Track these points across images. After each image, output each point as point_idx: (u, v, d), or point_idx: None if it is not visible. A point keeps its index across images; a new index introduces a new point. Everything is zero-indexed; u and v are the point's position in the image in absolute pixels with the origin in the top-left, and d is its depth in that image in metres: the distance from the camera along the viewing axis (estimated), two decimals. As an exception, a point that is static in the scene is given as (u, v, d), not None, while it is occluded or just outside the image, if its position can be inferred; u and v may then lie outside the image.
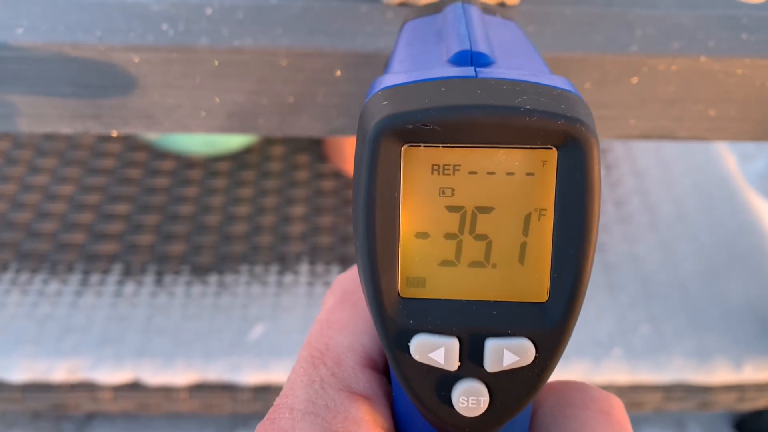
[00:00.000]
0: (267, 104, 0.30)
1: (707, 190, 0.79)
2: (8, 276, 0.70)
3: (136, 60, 0.28)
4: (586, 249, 0.16)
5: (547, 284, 0.17)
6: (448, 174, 0.17)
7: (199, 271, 0.71)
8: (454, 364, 0.17)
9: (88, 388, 0.63)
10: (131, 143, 0.83)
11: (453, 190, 0.17)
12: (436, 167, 0.17)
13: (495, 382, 0.17)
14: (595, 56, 0.29)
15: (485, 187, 0.17)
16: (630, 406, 0.66)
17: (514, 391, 0.17)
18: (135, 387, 0.63)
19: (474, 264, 0.17)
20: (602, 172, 0.81)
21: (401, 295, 0.17)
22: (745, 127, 0.31)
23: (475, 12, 0.22)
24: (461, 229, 0.17)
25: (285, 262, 0.72)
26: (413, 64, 0.19)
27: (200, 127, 0.31)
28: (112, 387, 0.63)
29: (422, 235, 0.17)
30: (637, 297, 0.69)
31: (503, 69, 0.18)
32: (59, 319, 0.66)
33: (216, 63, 0.28)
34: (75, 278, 0.70)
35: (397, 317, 0.17)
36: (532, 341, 0.17)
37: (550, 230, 0.17)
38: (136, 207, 0.76)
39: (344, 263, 0.71)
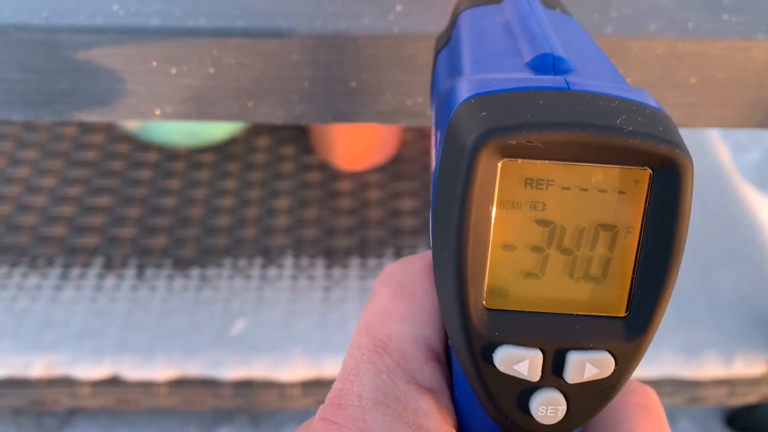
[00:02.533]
0: (225, 90, 0.29)
1: (699, 183, 0.78)
2: (-14, 270, 0.69)
3: (86, 43, 0.27)
4: (673, 268, 0.17)
5: (626, 299, 0.17)
6: (542, 188, 0.17)
7: (181, 265, 0.69)
8: (536, 376, 0.17)
9: (67, 383, 0.62)
10: (113, 134, 0.82)
11: (544, 204, 0.17)
12: (529, 181, 0.17)
13: (573, 393, 0.18)
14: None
15: (576, 202, 0.17)
16: (619, 402, 0.65)
17: (591, 400, 0.18)
18: (114, 382, 0.62)
19: (558, 277, 0.18)
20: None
21: (486, 306, 0.17)
22: (726, 113, 0.30)
23: (538, 6, 0.21)
24: (549, 243, 0.17)
25: (269, 256, 0.70)
26: (488, 65, 0.19)
27: (157, 114, 0.29)
28: (91, 382, 0.62)
29: (509, 248, 0.17)
30: (626, 290, 0.68)
31: (586, 78, 0.18)
32: (38, 313, 0.65)
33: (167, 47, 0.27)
34: (55, 272, 0.69)
35: (482, 329, 0.17)
36: (612, 354, 0.17)
37: (634, 247, 0.17)
38: (118, 199, 0.75)
39: (329, 257, 0.70)
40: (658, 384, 0.63)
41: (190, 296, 0.67)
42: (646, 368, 0.62)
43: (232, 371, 0.62)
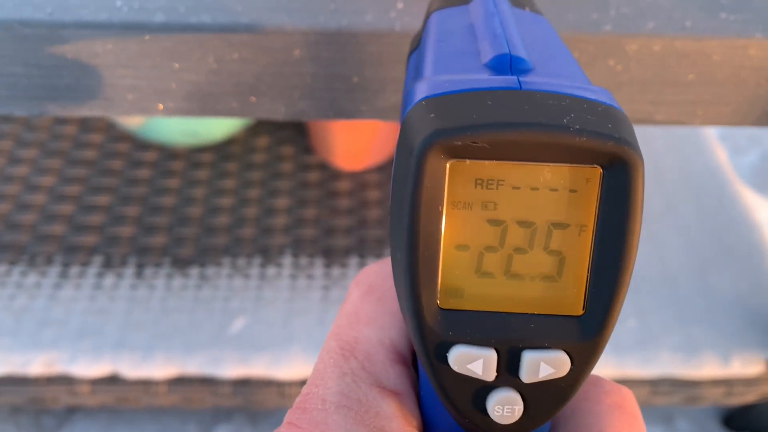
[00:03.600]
0: (226, 85, 0.29)
1: (697, 184, 0.78)
2: (-14, 268, 0.69)
3: (90, 39, 0.27)
4: (626, 266, 0.16)
5: (582, 298, 0.17)
6: (492, 188, 0.17)
7: (180, 264, 0.70)
8: (491, 375, 0.18)
9: (66, 381, 0.62)
10: (113, 133, 0.82)
11: (495, 204, 0.17)
12: (479, 181, 0.17)
13: (530, 392, 0.18)
14: (568, 36, 0.28)
15: (527, 202, 0.17)
16: (616, 401, 0.65)
17: (548, 400, 0.18)
18: (113, 381, 0.62)
19: (512, 277, 0.18)
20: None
21: (441, 306, 0.17)
22: (724, 111, 0.30)
23: (505, 6, 0.21)
24: (501, 243, 0.17)
25: (268, 255, 0.71)
26: (448, 67, 0.19)
27: (157, 110, 0.30)
28: (90, 380, 0.62)
29: (463, 248, 0.17)
30: (624, 290, 0.68)
31: (543, 77, 0.18)
32: (37, 311, 0.65)
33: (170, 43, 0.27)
34: (54, 270, 0.69)
35: (436, 328, 0.17)
36: (568, 354, 0.17)
37: (588, 245, 0.17)
38: (117, 198, 0.75)
39: (328, 256, 0.70)
40: (656, 383, 0.63)
41: (189, 295, 0.67)
42: (644, 367, 0.63)
43: (231, 370, 0.62)
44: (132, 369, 0.62)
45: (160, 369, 0.62)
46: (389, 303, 0.20)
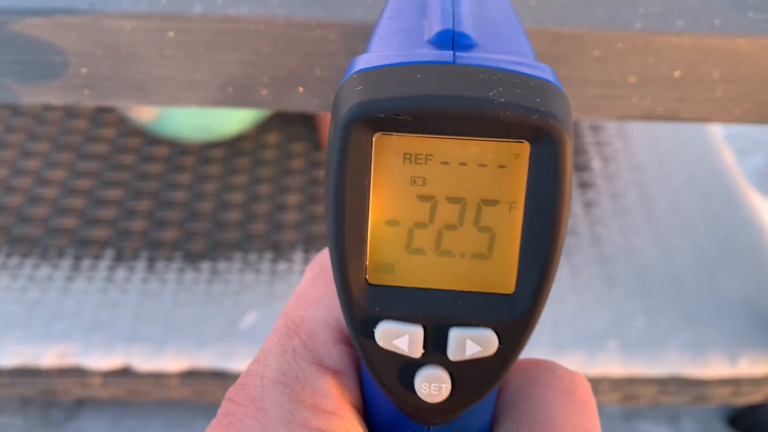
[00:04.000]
0: (262, 77, 0.29)
1: (704, 185, 0.79)
2: (-2, 260, 0.69)
3: (128, 28, 0.28)
4: (554, 243, 0.16)
5: (514, 277, 0.17)
6: (420, 163, 0.17)
7: (192, 258, 0.70)
8: (417, 352, 0.17)
9: (78, 373, 0.62)
10: (125, 128, 0.82)
11: (424, 179, 0.17)
12: (408, 156, 0.16)
13: (457, 371, 0.18)
14: (599, 32, 0.28)
15: (457, 177, 0.17)
16: (624, 400, 0.66)
17: (476, 379, 0.18)
18: (125, 373, 0.62)
19: (443, 253, 0.17)
20: (599, 165, 0.80)
21: (369, 281, 0.17)
22: (750, 109, 0.31)
23: None
24: (431, 219, 0.17)
25: (279, 250, 0.71)
26: (393, 43, 0.19)
27: (193, 100, 0.30)
28: (102, 373, 0.62)
29: (392, 223, 0.17)
30: (632, 290, 0.68)
31: (484, 53, 0.17)
32: (49, 304, 0.66)
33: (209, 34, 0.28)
34: (66, 263, 0.69)
35: (363, 303, 0.17)
36: (496, 332, 0.17)
37: (519, 223, 0.17)
38: (128, 193, 0.76)
39: (338, 252, 0.71)
40: (663, 382, 0.64)
41: (200, 289, 0.68)
42: (652, 366, 0.63)
43: (242, 364, 0.62)
44: (144, 362, 0.62)
45: (171, 362, 0.62)
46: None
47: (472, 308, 0.17)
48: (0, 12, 0.27)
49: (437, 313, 0.17)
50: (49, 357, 0.62)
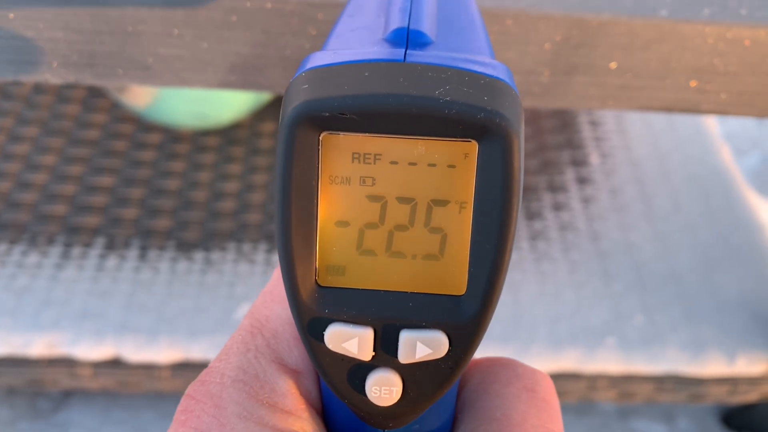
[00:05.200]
0: (273, 58, 0.28)
1: (703, 182, 0.79)
2: (-15, 246, 0.67)
3: (134, 4, 0.26)
4: (503, 243, 0.16)
5: (465, 277, 0.17)
6: (369, 163, 0.16)
7: (185, 248, 0.69)
8: (368, 354, 0.17)
9: (67, 363, 0.61)
10: (117, 114, 0.81)
11: (374, 179, 0.16)
12: (356, 156, 0.16)
13: (408, 373, 0.17)
14: (624, 19, 0.27)
15: (406, 177, 0.16)
16: (621, 397, 0.65)
17: (427, 382, 0.17)
18: (116, 364, 0.61)
19: (394, 254, 0.17)
20: (597, 160, 0.80)
21: (319, 283, 0.17)
22: (761, 100, 0.30)
23: None
24: (382, 219, 0.17)
25: (273, 241, 0.70)
26: (348, 40, 0.18)
27: (200, 81, 0.29)
28: (92, 363, 0.61)
29: (342, 224, 0.17)
30: (631, 286, 0.68)
31: (437, 51, 0.17)
32: (38, 291, 0.64)
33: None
34: (56, 250, 0.68)
35: (312, 306, 0.17)
36: (447, 334, 0.17)
37: (469, 223, 0.16)
38: (120, 180, 0.74)
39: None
40: (661, 380, 0.63)
41: (194, 279, 0.66)
42: (649, 363, 0.63)
43: (236, 355, 0.61)
44: (135, 352, 0.61)
45: (163, 353, 0.61)
46: None
47: (423, 310, 0.17)
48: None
49: (388, 315, 0.17)
50: (37, 346, 0.60)
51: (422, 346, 0.17)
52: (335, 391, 0.18)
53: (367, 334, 0.17)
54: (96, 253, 0.68)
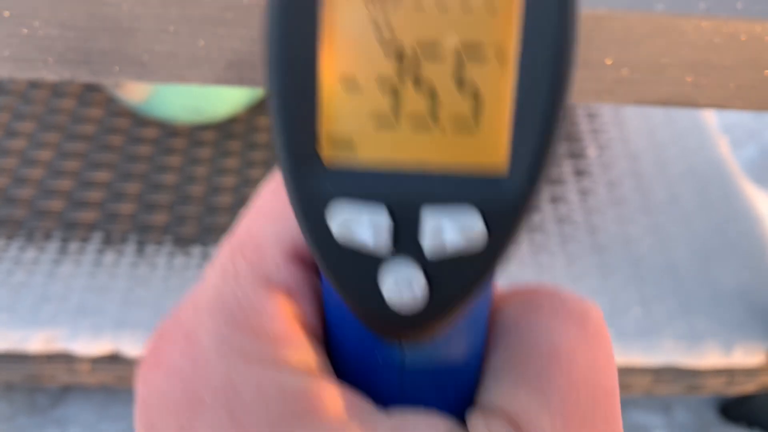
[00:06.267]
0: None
1: (700, 175, 0.79)
2: (-18, 242, 0.67)
3: (130, 1, 0.26)
4: (556, 106, 0.13)
5: (505, 150, 0.14)
6: (387, 7, 0.13)
7: (182, 243, 0.69)
8: (384, 245, 0.14)
9: (65, 359, 0.61)
10: (113, 109, 0.80)
11: (391, 25, 0.13)
12: None
13: (434, 267, 0.14)
14: (620, 14, 0.27)
15: (434, 25, 0.13)
16: (619, 389, 0.65)
17: (458, 278, 0.14)
18: (114, 359, 0.61)
19: (416, 122, 0.14)
20: (594, 152, 0.80)
21: (323, 161, 0.14)
22: (756, 95, 0.30)
23: None
24: (401, 78, 0.13)
25: (271, 235, 0.70)
26: None
27: (196, 78, 0.29)
28: (90, 359, 0.61)
29: (350, 83, 0.13)
30: (628, 279, 0.68)
31: None
32: (36, 287, 0.64)
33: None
34: (53, 246, 0.67)
35: (317, 188, 0.14)
36: (483, 218, 0.14)
37: (511, 77, 0.13)
38: (117, 175, 0.74)
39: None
40: (658, 372, 0.64)
41: (191, 274, 0.66)
42: (647, 355, 0.63)
43: (234, 350, 0.61)
44: (133, 348, 0.61)
45: (162, 348, 0.61)
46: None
47: (453, 188, 0.14)
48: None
49: (409, 194, 0.14)
50: (35, 342, 0.60)
51: (452, 231, 0.14)
52: (346, 296, 0.15)
53: (383, 218, 0.14)
54: (93, 248, 0.68)
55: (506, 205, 0.13)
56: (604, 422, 0.15)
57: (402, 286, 0.14)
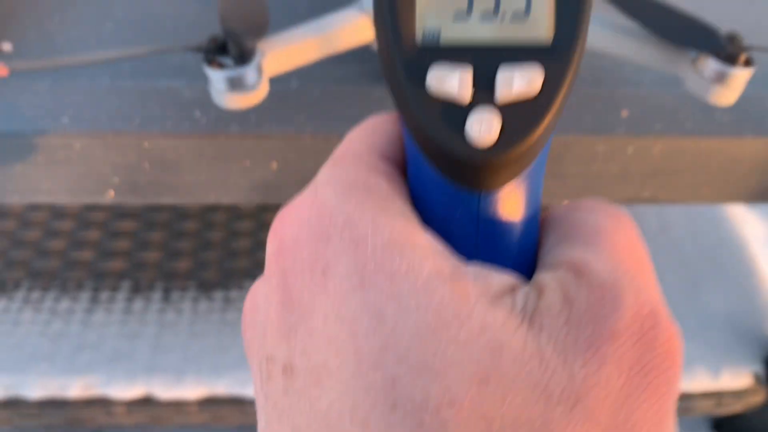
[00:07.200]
0: (290, 179, 0.33)
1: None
2: (21, 294, 0.73)
3: (173, 145, 0.31)
4: (581, 3, 0.18)
5: (552, 28, 0.18)
6: None
7: (205, 288, 0.74)
8: (467, 94, 0.18)
9: (102, 404, 0.66)
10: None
11: None
12: None
13: (506, 111, 0.18)
14: (586, 138, 0.32)
15: None
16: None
17: (525, 118, 0.18)
18: (147, 402, 0.66)
19: (485, 15, 0.19)
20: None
21: (418, 43, 0.18)
22: (714, 192, 0.35)
23: None
24: None
25: (287, 278, 0.75)
26: None
27: (226, 199, 0.34)
28: (125, 402, 0.66)
29: None
30: (622, 308, 0.72)
31: None
32: (72, 336, 0.69)
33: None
34: (85, 295, 0.73)
35: (415, 55, 0.18)
36: (540, 68, 0.18)
37: None
38: (142, 224, 0.79)
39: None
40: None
41: (215, 318, 0.71)
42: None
43: (257, 390, 0.66)
44: (164, 390, 0.66)
45: (190, 390, 0.66)
46: (380, 127, 0.21)
47: (517, 52, 0.18)
48: (59, 135, 0.31)
49: (485, 56, 0.18)
50: (74, 388, 0.66)
51: (519, 79, 0.18)
52: (434, 137, 0.18)
53: (467, 71, 0.18)
54: (122, 296, 0.73)
55: (557, 59, 0.18)
56: (646, 274, 0.18)
57: (481, 123, 0.18)
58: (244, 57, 0.26)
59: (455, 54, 0.18)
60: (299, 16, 0.35)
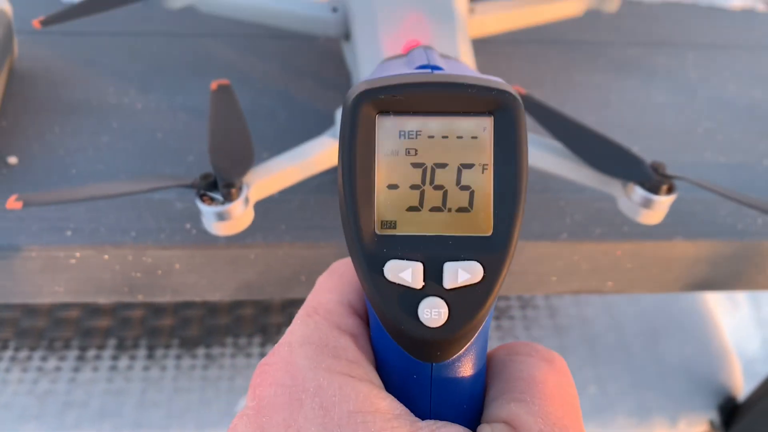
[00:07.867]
0: (272, 280, 0.37)
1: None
2: (8, 354, 0.75)
3: (166, 254, 0.35)
4: (519, 191, 0.21)
5: (490, 222, 0.21)
6: (412, 138, 0.22)
7: (188, 345, 0.77)
8: (419, 283, 0.21)
9: (91, 461, 0.68)
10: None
11: (416, 150, 0.22)
12: (402, 132, 0.22)
13: (452, 298, 0.21)
14: (532, 244, 0.36)
15: (440, 148, 0.22)
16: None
17: (468, 304, 0.21)
18: (133, 458, 0.69)
19: (434, 209, 0.22)
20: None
21: (377, 233, 0.21)
22: (654, 286, 0.39)
23: (434, 51, 0.28)
24: (423, 181, 0.22)
25: (267, 333, 0.78)
26: (386, 73, 0.24)
27: (215, 297, 0.37)
28: (113, 459, 0.69)
29: (393, 187, 0.22)
30: (585, 359, 0.77)
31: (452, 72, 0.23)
32: (59, 394, 0.71)
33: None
34: (72, 354, 0.75)
35: (373, 248, 0.21)
36: (481, 263, 0.21)
37: (491, 180, 0.21)
38: (126, 282, 0.82)
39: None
40: (612, 445, 0.72)
41: (197, 375, 0.74)
42: (602, 431, 0.71)
43: (239, 445, 0.69)
44: (150, 447, 0.69)
45: (175, 446, 0.69)
46: (347, 277, 0.24)
47: (461, 247, 0.21)
48: (63, 248, 0.34)
49: (433, 251, 0.21)
50: (63, 447, 0.68)
51: (463, 272, 0.21)
52: (392, 320, 0.21)
53: (418, 265, 0.21)
54: (108, 354, 0.75)
55: (495, 253, 0.21)
56: (573, 423, 0.21)
57: (431, 308, 0.21)
58: (231, 195, 0.30)
59: (408, 247, 0.21)
60: (280, 125, 0.39)
